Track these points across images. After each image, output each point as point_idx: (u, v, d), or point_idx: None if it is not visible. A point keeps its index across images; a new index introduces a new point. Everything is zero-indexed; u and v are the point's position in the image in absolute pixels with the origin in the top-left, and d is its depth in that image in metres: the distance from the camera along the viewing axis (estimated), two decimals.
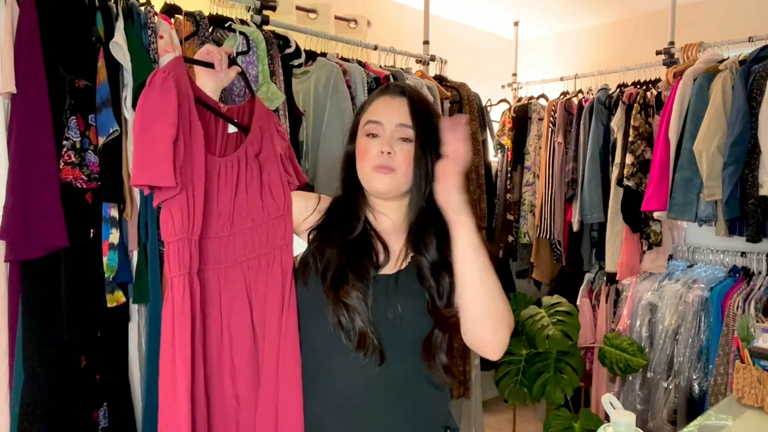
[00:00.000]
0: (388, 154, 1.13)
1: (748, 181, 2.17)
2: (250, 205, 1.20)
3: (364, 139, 1.18)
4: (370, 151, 1.15)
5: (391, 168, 1.14)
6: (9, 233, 1.34)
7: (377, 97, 1.21)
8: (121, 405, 1.59)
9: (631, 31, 3.71)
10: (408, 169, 1.15)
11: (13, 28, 1.39)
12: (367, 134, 1.17)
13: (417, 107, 1.17)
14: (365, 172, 1.17)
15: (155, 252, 1.61)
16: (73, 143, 1.43)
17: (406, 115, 1.16)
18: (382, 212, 1.21)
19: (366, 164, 1.16)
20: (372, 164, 1.15)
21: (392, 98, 1.19)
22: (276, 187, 1.23)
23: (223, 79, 1.30)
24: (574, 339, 2.58)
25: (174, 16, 1.73)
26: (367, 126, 1.17)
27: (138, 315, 1.64)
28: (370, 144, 1.16)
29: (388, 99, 1.19)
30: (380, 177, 1.14)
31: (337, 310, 1.09)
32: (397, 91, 1.20)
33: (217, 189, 1.18)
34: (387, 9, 3.36)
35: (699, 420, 1.55)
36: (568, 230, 3.04)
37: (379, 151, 1.14)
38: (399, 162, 1.14)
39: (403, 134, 1.15)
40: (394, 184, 1.15)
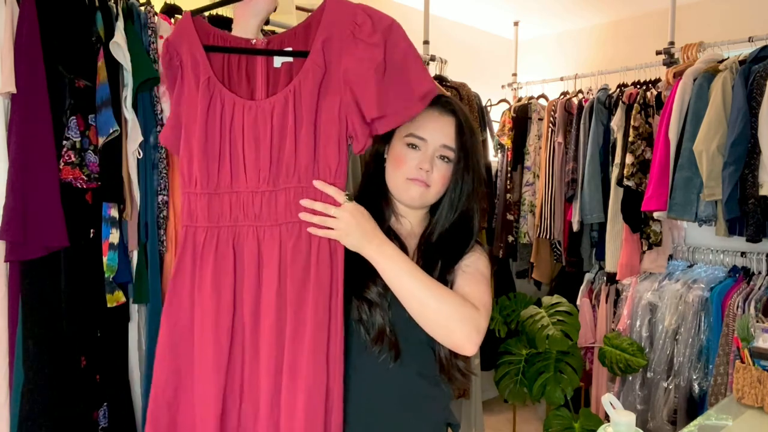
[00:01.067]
0: (426, 171, 1.13)
1: (748, 181, 2.17)
2: (298, 162, 1.02)
3: (403, 147, 1.15)
4: (408, 163, 1.14)
5: (427, 184, 1.15)
6: (9, 233, 1.34)
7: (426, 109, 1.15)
8: (121, 405, 1.59)
9: (631, 31, 3.71)
10: (441, 187, 1.17)
11: (13, 28, 1.39)
12: (408, 144, 1.15)
13: (463, 130, 1.15)
14: (398, 181, 1.16)
15: (155, 252, 1.61)
16: (73, 143, 1.43)
17: (452, 137, 1.15)
18: (402, 215, 1.22)
19: (400, 174, 1.15)
20: (407, 176, 1.14)
21: (441, 115, 1.16)
22: (329, 142, 1.02)
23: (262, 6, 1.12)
24: (574, 339, 2.58)
25: (174, 16, 1.73)
26: (410, 138, 1.15)
27: (138, 315, 1.65)
28: (409, 155, 1.14)
29: (437, 115, 1.16)
30: (414, 187, 1.14)
31: (360, 306, 1.10)
32: (448, 108, 1.17)
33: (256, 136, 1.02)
34: (387, 9, 3.34)
35: (699, 420, 1.55)
36: (568, 230, 3.04)
37: (418, 167, 1.13)
38: (434, 180, 1.15)
39: (443, 153, 1.15)
40: (425, 198, 1.17)
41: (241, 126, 1.03)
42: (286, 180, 1.03)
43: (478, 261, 1.18)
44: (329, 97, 1.02)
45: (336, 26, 1.02)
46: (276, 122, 1.02)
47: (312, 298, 1.02)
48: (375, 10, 1.05)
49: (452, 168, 1.16)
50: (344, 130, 1.03)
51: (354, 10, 1.04)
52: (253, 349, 1.04)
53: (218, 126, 1.03)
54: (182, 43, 1.05)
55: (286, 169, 1.03)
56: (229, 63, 1.08)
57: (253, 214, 1.04)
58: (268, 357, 1.02)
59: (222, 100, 1.03)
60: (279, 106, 1.02)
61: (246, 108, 1.03)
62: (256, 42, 1.09)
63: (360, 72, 1.01)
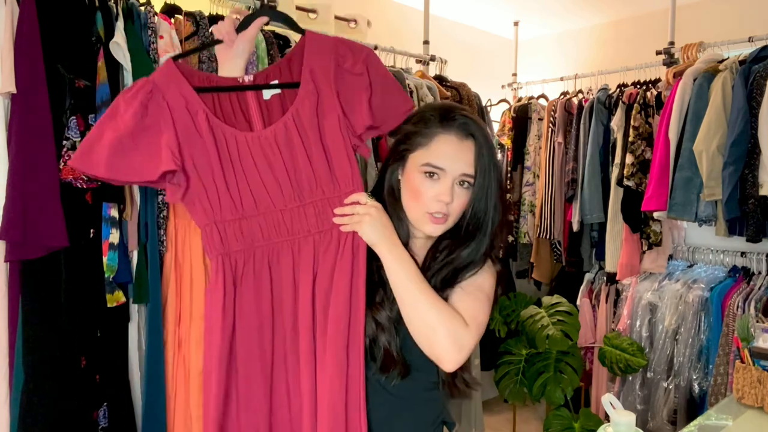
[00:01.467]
0: (447, 204, 1.10)
1: (748, 181, 2.17)
2: (317, 176, 1.11)
3: (419, 176, 1.11)
4: (426, 193, 1.10)
5: (446, 215, 1.11)
6: (9, 233, 1.34)
7: (443, 133, 1.11)
8: (121, 405, 1.59)
9: (631, 31, 3.71)
10: (460, 214, 1.14)
11: (13, 28, 1.39)
12: (425, 173, 1.10)
13: (483, 152, 1.11)
14: (416, 214, 1.13)
15: (155, 252, 1.61)
16: (73, 143, 1.43)
17: (471, 163, 1.10)
18: (416, 236, 1.19)
19: (419, 206, 1.11)
20: (427, 210, 1.11)
21: (460, 142, 1.10)
22: (339, 155, 1.11)
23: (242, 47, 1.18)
24: (574, 339, 2.58)
25: (174, 16, 1.73)
26: (426, 167, 1.10)
27: (138, 315, 1.64)
28: (426, 185, 1.10)
29: (456, 142, 1.10)
30: (434, 227, 1.12)
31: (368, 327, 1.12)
32: (465, 132, 1.10)
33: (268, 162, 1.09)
34: (387, 9, 3.36)
35: (699, 420, 1.55)
36: (568, 230, 3.04)
37: (437, 199, 1.09)
38: (454, 209, 1.12)
39: (464, 179, 1.11)
40: (444, 228, 1.14)
41: (249, 156, 1.09)
42: (311, 194, 1.12)
43: (479, 277, 1.15)
44: (328, 117, 1.10)
45: (319, 58, 1.12)
46: (283, 146, 1.09)
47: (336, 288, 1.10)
48: (351, 42, 1.15)
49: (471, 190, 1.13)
50: (348, 142, 1.12)
51: (334, 43, 1.14)
52: (294, 354, 1.12)
53: (229, 159, 1.09)
54: (169, 86, 1.06)
55: (308, 185, 1.11)
56: (220, 101, 1.14)
57: (286, 230, 1.12)
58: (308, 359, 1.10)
59: (224, 134, 1.09)
60: (281, 132, 1.09)
61: (249, 139, 1.09)
62: (243, 80, 1.16)
63: (351, 95, 1.11)
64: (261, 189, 1.10)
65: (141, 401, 1.63)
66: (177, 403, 1.63)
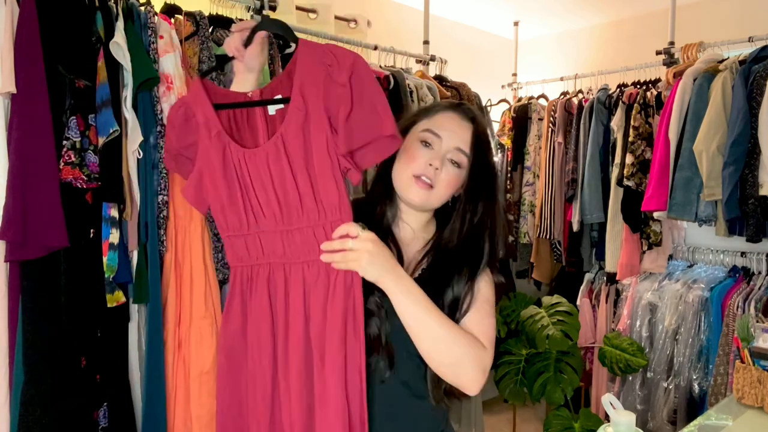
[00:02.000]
0: (435, 169, 1.11)
1: (748, 181, 2.17)
2: (303, 202, 1.05)
3: (416, 144, 1.14)
4: (419, 159, 1.12)
5: (431, 185, 1.12)
6: (9, 233, 1.34)
7: (446, 110, 1.17)
8: (121, 405, 1.59)
9: (631, 31, 3.71)
10: (446, 191, 1.14)
11: (13, 28, 1.39)
12: (422, 140, 1.14)
13: (479, 139, 1.15)
14: (403, 177, 1.13)
15: (155, 252, 1.61)
16: (73, 143, 1.43)
17: (467, 142, 1.14)
18: (404, 220, 1.20)
19: (408, 169, 1.13)
20: (414, 172, 1.12)
21: (461, 120, 1.16)
22: (325, 179, 1.03)
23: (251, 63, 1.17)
24: (574, 339, 2.58)
25: (174, 16, 1.73)
26: (425, 134, 1.14)
27: (138, 315, 1.64)
28: (421, 152, 1.13)
29: (457, 119, 1.16)
30: (417, 190, 1.12)
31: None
32: (468, 115, 1.17)
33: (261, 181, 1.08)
34: (387, 9, 3.36)
35: (699, 420, 1.55)
36: (568, 230, 3.05)
37: (428, 164, 1.11)
38: (441, 181, 1.12)
39: (455, 157, 1.13)
40: (428, 200, 1.14)
41: (247, 173, 1.08)
42: (298, 220, 1.07)
43: (487, 288, 1.14)
44: (315, 137, 1.04)
45: (309, 69, 1.05)
46: (273, 167, 1.06)
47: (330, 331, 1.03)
48: (339, 48, 1.07)
49: (463, 175, 1.14)
50: (336, 165, 1.04)
51: (322, 52, 1.06)
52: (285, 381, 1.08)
53: (234, 174, 1.09)
54: (197, 104, 1.12)
55: (295, 211, 1.06)
56: (235, 117, 1.16)
57: (281, 252, 1.09)
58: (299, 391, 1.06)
59: (230, 150, 1.09)
60: (271, 152, 1.06)
61: (248, 155, 1.08)
62: (251, 94, 1.15)
63: (334, 110, 1.04)
64: (257, 208, 1.09)
65: (141, 401, 1.63)
66: (177, 403, 1.63)
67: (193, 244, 1.65)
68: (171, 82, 1.59)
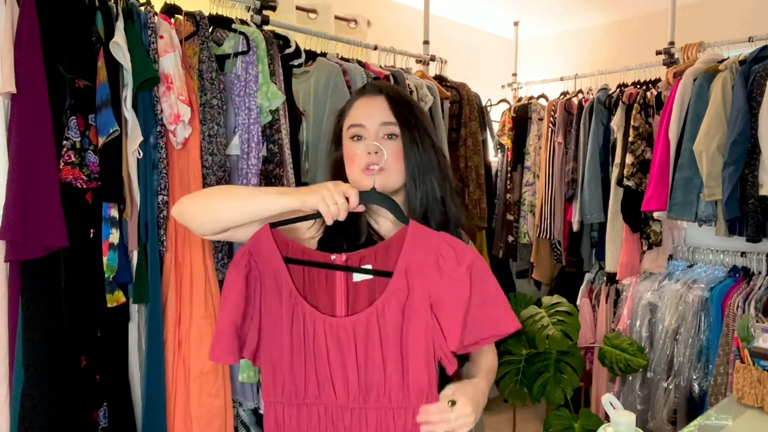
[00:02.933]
0: (376, 153, 1.10)
1: (748, 181, 2.17)
2: (388, 381, 1.00)
3: (349, 143, 1.14)
4: (358, 155, 1.11)
5: (381, 168, 1.10)
6: (9, 233, 1.34)
7: (355, 100, 1.18)
8: (121, 405, 1.59)
9: (631, 31, 3.71)
10: (398, 166, 1.11)
11: (13, 28, 1.39)
12: (352, 137, 1.13)
13: (397, 103, 1.14)
14: (355, 176, 1.12)
15: (155, 252, 1.61)
16: (73, 143, 1.43)
17: (388, 112, 1.12)
18: (380, 215, 1.17)
19: (355, 168, 1.12)
20: (361, 167, 1.11)
21: (371, 98, 1.16)
22: (417, 364, 0.99)
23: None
24: (574, 339, 2.58)
25: (174, 16, 1.73)
26: (351, 129, 1.14)
27: (138, 315, 1.65)
28: (356, 147, 1.12)
29: (367, 99, 1.16)
30: (370, 178, 1.09)
31: None
32: (375, 90, 1.17)
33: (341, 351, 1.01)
34: (387, 9, 3.36)
35: (699, 420, 1.55)
36: (568, 230, 3.04)
37: (366, 152, 1.10)
38: (389, 161, 1.10)
39: (387, 131, 1.12)
40: (385, 183, 1.11)
41: (324, 341, 1.02)
42: (376, 399, 1.02)
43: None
44: (414, 320, 1.00)
45: (419, 253, 1.02)
46: (359, 340, 1.01)
47: None
48: (457, 242, 1.03)
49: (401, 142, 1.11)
50: (431, 351, 1.00)
51: (438, 241, 1.02)
52: None
53: (302, 339, 1.03)
54: (262, 254, 1.05)
55: (376, 389, 1.01)
56: (310, 274, 1.07)
57: (343, 428, 1.03)
58: None
59: (303, 314, 1.03)
60: (361, 324, 1.01)
61: (327, 324, 1.02)
62: (335, 258, 1.07)
63: (446, 304, 1.00)
64: (327, 379, 1.02)
65: (141, 401, 1.63)
66: (177, 403, 1.63)
67: (193, 244, 1.66)
68: (171, 82, 1.59)
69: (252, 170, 1.76)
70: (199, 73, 1.70)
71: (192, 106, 1.63)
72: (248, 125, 1.76)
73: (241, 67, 1.78)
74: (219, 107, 1.71)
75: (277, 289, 1.04)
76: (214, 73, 1.71)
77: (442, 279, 1.00)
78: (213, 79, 1.71)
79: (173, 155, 1.65)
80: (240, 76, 1.78)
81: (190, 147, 1.66)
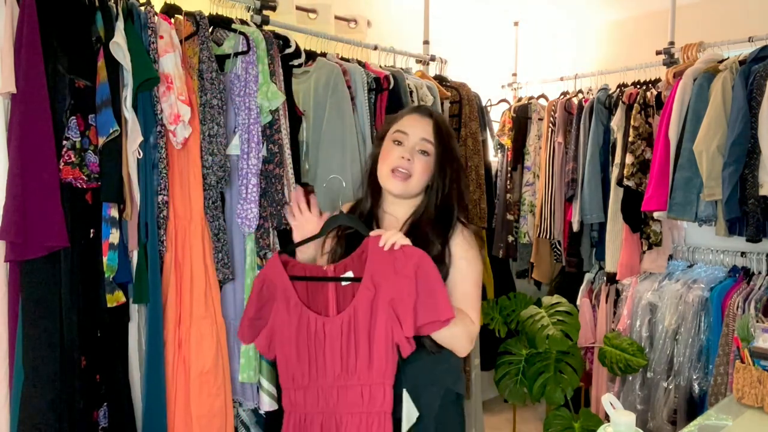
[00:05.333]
0: (408, 160, 1.37)
1: (748, 181, 2.17)
2: (359, 364, 1.29)
3: (390, 144, 1.41)
4: (393, 154, 1.38)
5: (408, 174, 1.37)
6: (9, 233, 1.34)
7: (408, 113, 1.46)
8: (121, 405, 1.59)
9: (631, 31, 3.71)
10: (421, 178, 1.39)
11: (13, 28, 1.39)
12: (394, 140, 1.40)
13: (440, 129, 1.41)
14: (383, 172, 1.39)
15: (155, 252, 1.61)
16: (73, 143, 1.43)
17: (430, 132, 1.40)
18: (390, 213, 1.46)
19: (386, 165, 1.39)
20: (390, 166, 1.38)
21: (421, 117, 1.43)
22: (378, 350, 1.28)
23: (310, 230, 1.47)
24: (574, 339, 2.58)
25: (174, 16, 1.73)
26: (395, 134, 1.41)
27: (138, 315, 1.65)
28: (394, 149, 1.39)
29: (418, 117, 1.43)
30: (395, 181, 1.38)
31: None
32: (426, 113, 1.45)
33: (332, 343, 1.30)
34: (387, 9, 3.36)
35: (699, 420, 1.55)
36: (568, 230, 3.04)
37: (400, 157, 1.37)
38: (416, 170, 1.38)
39: (424, 147, 1.39)
40: (408, 188, 1.39)
41: (322, 336, 1.31)
42: (354, 378, 1.30)
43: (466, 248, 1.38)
44: (379, 314, 1.28)
45: (379, 258, 1.29)
46: (344, 333, 1.30)
47: None
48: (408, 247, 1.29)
49: (432, 162, 1.39)
50: (390, 338, 1.27)
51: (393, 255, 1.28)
52: None
53: (305, 337, 1.32)
54: (275, 277, 1.34)
55: (353, 370, 1.30)
56: (310, 285, 1.38)
57: (333, 403, 1.32)
58: None
59: (307, 318, 1.32)
60: (344, 322, 1.30)
61: (324, 323, 1.31)
62: (327, 269, 1.37)
63: (400, 298, 1.26)
64: (322, 365, 1.31)
65: (141, 401, 1.63)
66: (177, 403, 1.63)
67: (193, 244, 1.66)
68: (171, 82, 1.59)
69: (252, 170, 1.76)
70: (199, 73, 1.70)
71: (192, 106, 1.63)
72: (248, 125, 1.76)
73: (241, 67, 1.79)
74: (219, 107, 1.71)
75: (285, 300, 1.33)
76: (214, 73, 1.71)
77: (397, 277, 1.26)
78: (213, 79, 1.71)
79: (173, 155, 1.65)
80: (240, 76, 1.78)
81: (190, 147, 1.66)
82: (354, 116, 2.10)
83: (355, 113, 2.11)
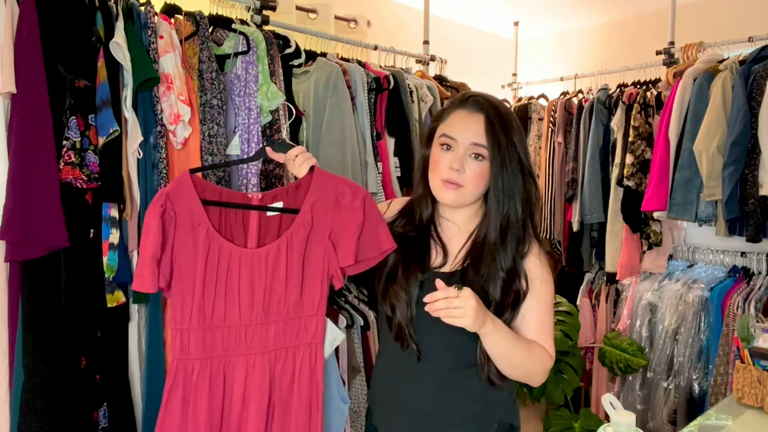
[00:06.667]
0: (457, 171, 1.17)
1: (748, 181, 2.17)
2: (288, 298, 1.20)
3: (438, 149, 1.21)
4: (441, 163, 1.19)
5: (459, 184, 1.18)
6: (9, 233, 1.34)
7: (455, 109, 1.23)
8: (121, 405, 1.59)
9: (631, 31, 3.71)
10: (476, 186, 1.19)
11: (13, 28, 1.39)
12: (441, 145, 1.21)
13: (494, 125, 1.17)
14: (434, 183, 1.21)
15: None
16: (73, 143, 1.43)
17: (482, 134, 1.17)
18: (447, 219, 1.27)
19: (436, 176, 1.21)
20: (441, 177, 1.19)
21: (470, 114, 1.20)
22: (313, 283, 1.21)
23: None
24: (574, 339, 2.58)
25: (174, 16, 1.73)
26: (442, 138, 1.21)
27: (138, 315, 1.64)
28: (442, 157, 1.20)
29: (466, 114, 1.20)
30: (446, 192, 1.19)
31: (384, 306, 1.23)
32: (476, 107, 1.20)
33: (251, 278, 1.19)
34: (387, 9, 3.36)
35: (699, 420, 1.55)
36: (568, 230, 3.04)
37: (449, 167, 1.18)
38: (467, 179, 1.18)
39: (476, 152, 1.18)
40: (460, 198, 1.20)
41: (237, 271, 1.19)
42: (276, 314, 1.21)
43: (542, 269, 1.21)
44: (315, 248, 1.22)
45: (322, 192, 1.23)
46: (270, 267, 1.20)
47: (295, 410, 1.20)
48: (352, 182, 1.26)
49: (488, 165, 1.17)
50: (326, 270, 1.22)
51: (337, 182, 1.25)
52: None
53: (215, 271, 1.18)
54: (179, 197, 1.18)
55: (276, 305, 1.20)
56: (227, 213, 1.25)
57: (244, 345, 1.20)
58: None
59: (220, 248, 1.18)
60: (273, 253, 1.20)
61: (242, 255, 1.19)
62: (252, 197, 1.26)
63: (343, 229, 1.21)
64: (235, 304, 1.19)
65: (141, 401, 1.63)
66: None
67: None
68: (171, 82, 1.59)
69: (252, 170, 1.76)
70: (199, 73, 1.70)
71: (192, 106, 1.63)
72: (248, 125, 1.76)
73: (241, 67, 1.79)
74: (219, 107, 1.71)
75: (192, 227, 1.18)
76: (214, 73, 1.71)
77: (341, 210, 1.21)
78: (213, 79, 1.71)
79: (173, 155, 1.65)
80: (240, 76, 1.78)
81: (190, 147, 1.66)
82: (354, 116, 2.10)
83: (355, 113, 2.12)
